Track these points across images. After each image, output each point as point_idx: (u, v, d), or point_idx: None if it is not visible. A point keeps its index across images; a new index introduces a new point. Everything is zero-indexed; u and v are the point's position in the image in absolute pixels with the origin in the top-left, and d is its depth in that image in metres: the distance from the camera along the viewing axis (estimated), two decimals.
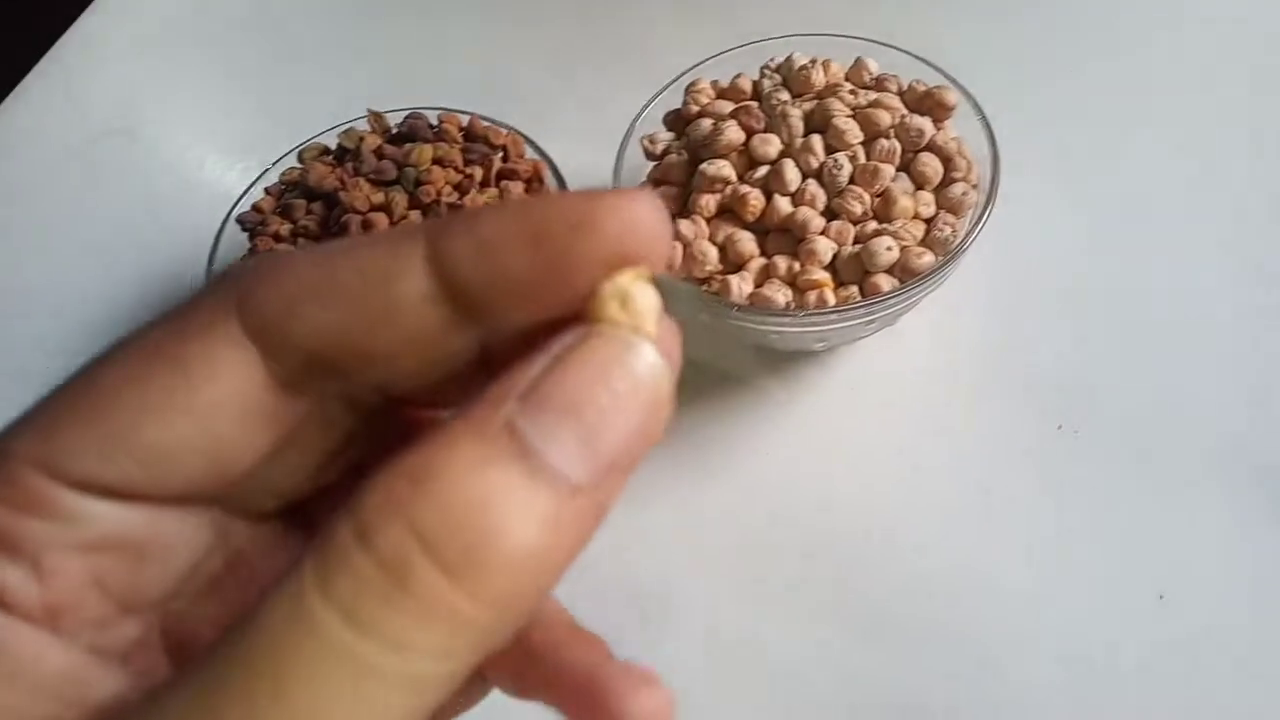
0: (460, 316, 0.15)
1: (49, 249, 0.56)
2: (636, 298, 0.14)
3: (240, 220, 0.44)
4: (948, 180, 0.40)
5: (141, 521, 0.15)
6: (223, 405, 0.15)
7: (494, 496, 0.12)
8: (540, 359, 0.14)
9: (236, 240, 0.44)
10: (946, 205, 0.40)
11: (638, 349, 0.14)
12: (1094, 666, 0.36)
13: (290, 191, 0.44)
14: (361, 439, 0.18)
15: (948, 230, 0.39)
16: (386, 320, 0.14)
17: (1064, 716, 0.35)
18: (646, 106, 0.44)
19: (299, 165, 0.45)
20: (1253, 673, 0.35)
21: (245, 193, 0.46)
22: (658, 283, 0.15)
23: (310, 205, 0.43)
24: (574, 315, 0.14)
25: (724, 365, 0.45)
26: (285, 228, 0.43)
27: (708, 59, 0.45)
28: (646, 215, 0.14)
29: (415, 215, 0.40)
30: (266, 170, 0.46)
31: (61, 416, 0.15)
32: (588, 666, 0.17)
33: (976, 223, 0.38)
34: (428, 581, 0.12)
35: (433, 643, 0.12)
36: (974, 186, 0.40)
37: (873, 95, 0.42)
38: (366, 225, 0.40)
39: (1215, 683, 0.35)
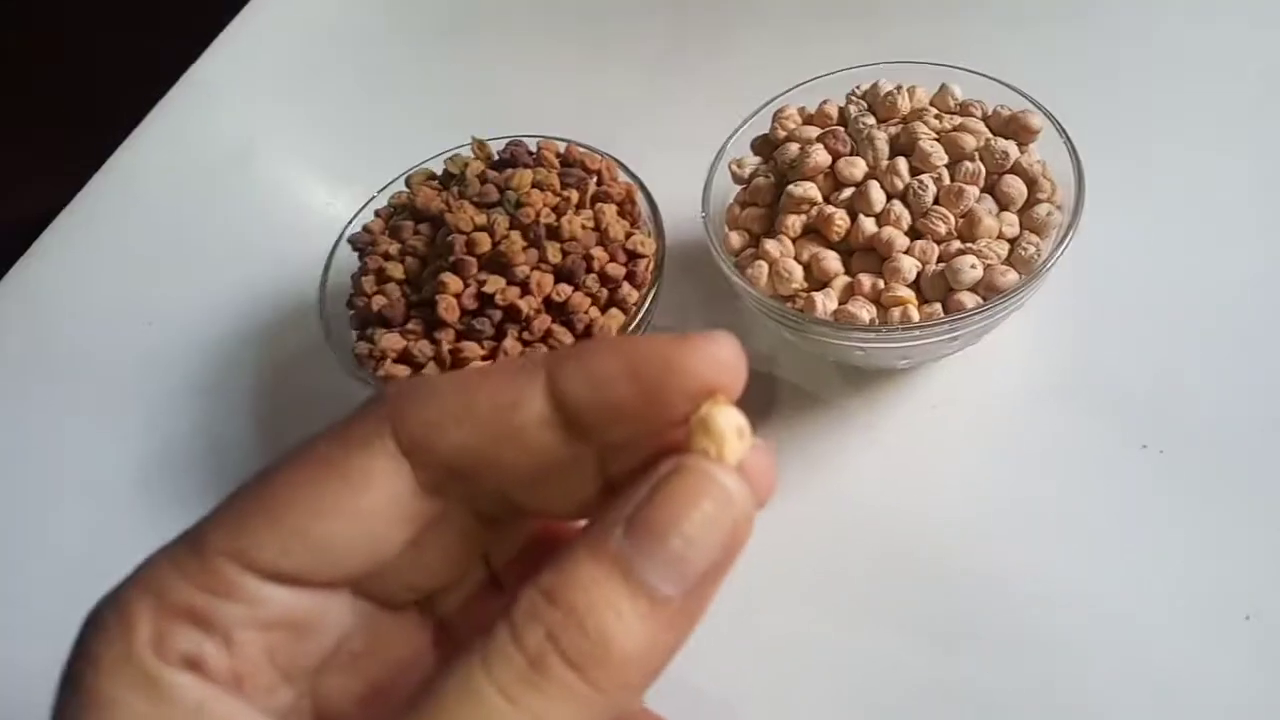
0: (572, 435, 0.18)
1: (171, 269, 0.60)
2: (719, 423, 0.18)
3: (352, 241, 0.47)
4: (1032, 201, 0.41)
5: (305, 603, 0.19)
6: (380, 509, 0.18)
7: (606, 610, 0.16)
8: (643, 487, 0.17)
9: (348, 260, 0.47)
10: (1030, 226, 0.41)
11: (718, 478, 0.17)
12: (1179, 688, 0.36)
13: (398, 214, 0.47)
14: (489, 544, 0.23)
15: (1031, 249, 0.39)
16: (512, 439, 0.18)
17: None
18: (735, 132, 0.46)
19: (406, 190, 0.48)
20: None
21: (356, 215, 0.49)
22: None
23: (418, 226, 0.45)
24: (673, 443, 0.18)
25: (807, 385, 0.46)
26: (394, 247, 0.45)
27: (795, 86, 0.47)
28: (725, 354, 0.18)
29: (516, 235, 0.42)
30: (375, 195, 0.49)
31: (248, 514, 0.18)
32: None
33: (1060, 242, 0.39)
34: (559, 674, 0.16)
35: (563, 717, 0.16)
36: (1058, 207, 0.41)
37: (957, 120, 0.43)
38: (470, 245, 0.43)
39: None
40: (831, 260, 0.41)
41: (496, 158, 0.48)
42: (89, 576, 0.19)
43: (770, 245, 0.42)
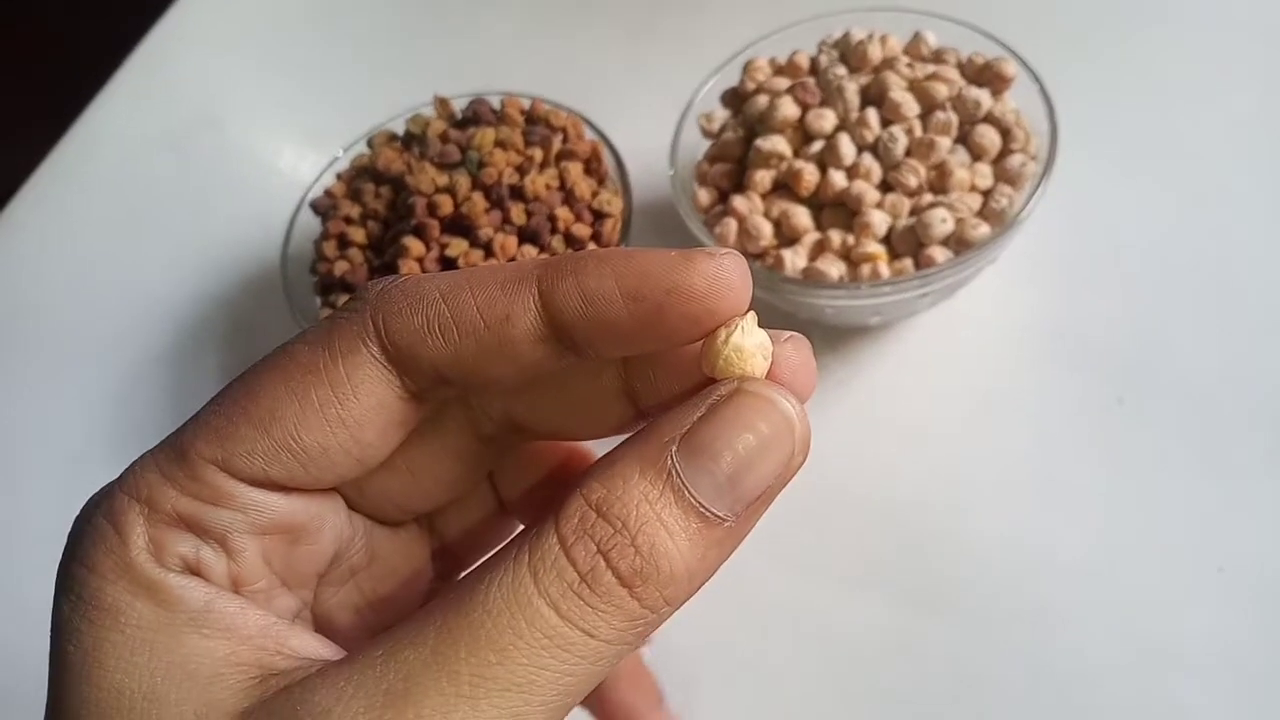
0: (565, 350, 0.18)
1: (137, 238, 0.59)
2: (747, 347, 0.17)
3: (313, 205, 0.46)
4: (1005, 152, 0.40)
5: (297, 508, 0.19)
6: (367, 418, 0.18)
7: (658, 528, 0.16)
8: (698, 407, 0.17)
9: (310, 224, 0.46)
10: (1004, 177, 0.40)
11: (778, 403, 0.17)
12: (1152, 637, 0.36)
13: (360, 177, 0.46)
14: (494, 467, 0.23)
15: (1004, 201, 0.39)
16: (501, 352, 0.17)
17: (1122, 686, 0.35)
18: (704, 85, 0.45)
19: (368, 151, 0.47)
20: None
21: (318, 179, 0.48)
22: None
23: (379, 189, 0.44)
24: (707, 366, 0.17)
25: None
26: (356, 211, 0.44)
27: (765, 37, 0.45)
28: (729, 276, 0.17)
29: (478, 197, 0.41)
30: (338, 157, 0.48)
31: (234, 422, 0.18)
32: (634, 711, 0.19)
33: (1033, 193, 0.38)
34: (610, 589, 0.16)
35: (611, 631, 0.16)
36: (1032, 158, 0.40)
37: (931, 68, 0.42)
38: (431, 207, 0.41)
39: (1274, 655, 0.34)
40: (801, 216, 0.40)
41: (460, 116, 0.47)
42: (59, 546, 0.19)
43: (739, 202, 0.41)
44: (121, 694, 0.16)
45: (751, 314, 0.17)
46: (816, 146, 0.40)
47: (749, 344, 0.17)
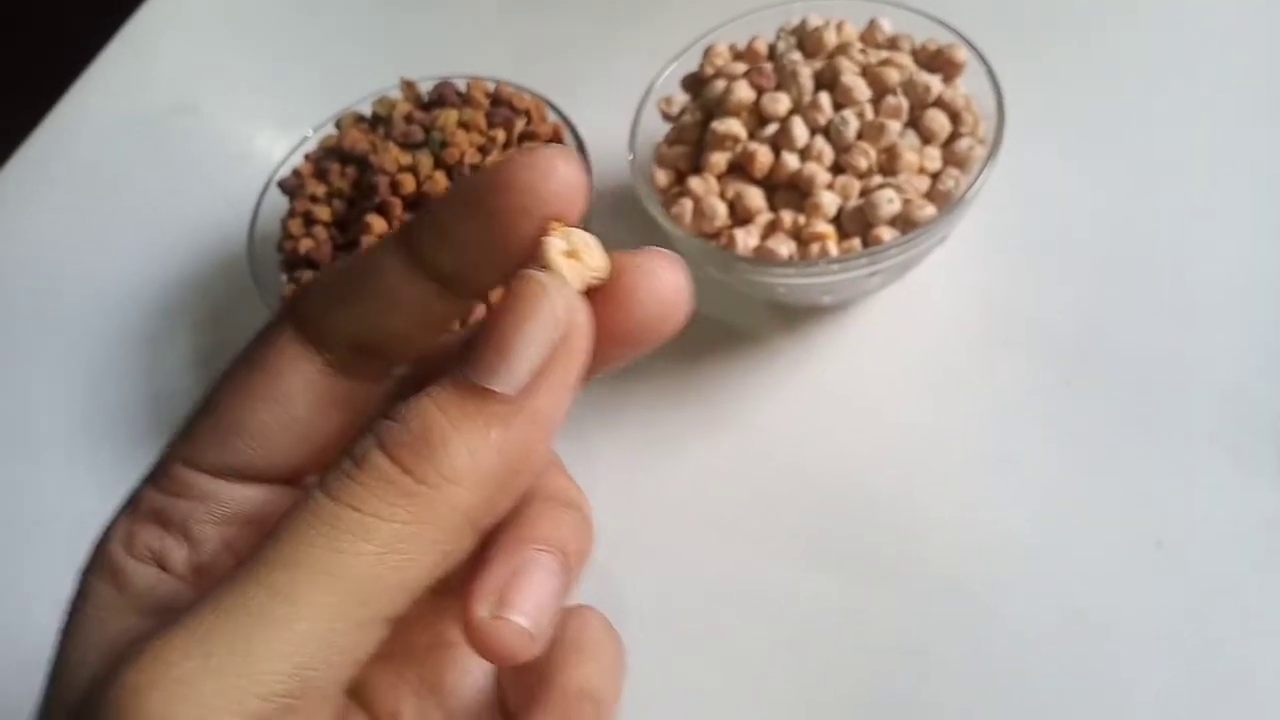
0: (447, 288, 0.19)
1: (111, 222, 0.60)
2: (545, 249, 0.17)
3: (281, 184, 0.47)
4: (955, 136, 0.41)
5: (258, 498, 0.20)
6: (297, 391, 0.19)
7: (429, 407, 0.17)
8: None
9: (278, 204, 0.47)
10: (953, 160, 0.41)
11: (546, 289, 0.17)
12: (1091, 610, 0.36)
13: (327, 157, 0.47)
14: (357, 396, 0.22)
15: (951, 184, 0.39)
16: (390, 304, 0.19)
17: (1060, 661, 0.36)
18: (664, 70, 0.46)
19: (337, 132, 0.48)
20: (1248, 621, 0.35)
21: (286, 159, 0.48)
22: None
23: (344, 168, 0.45)
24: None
25: (736, 322, 0.46)
26: (322, 190, 0.45)
27: (726, 23, 0.46)
28: (560, 168, 0.17)
29: (440, 176, 0.42)
30: (306, 138, 0.49)
31: (196, 423, 0.20)
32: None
33: (979, 176, 0.39)
34: (377, 465, 0.16)
35: (388, 508, 0.16)
36: (981, 142, 0.41)
37: (884, 54, 0.43)
38: (394, 186, 0.42)
39: (1210, 630, 0.35)
40: (754, 197, 0.41)
41: (426, 98, 0.47)
42: (28, 526, 0.20)
43: (695, 183, 0.41)
44: (68, 664, 0.18)
45: (581, 232, 0.18)
46: (771, 129, 0.41)
47: (556, 247, 0.17)
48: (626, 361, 0.19)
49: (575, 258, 0.17)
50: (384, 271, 0.19)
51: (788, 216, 0.40)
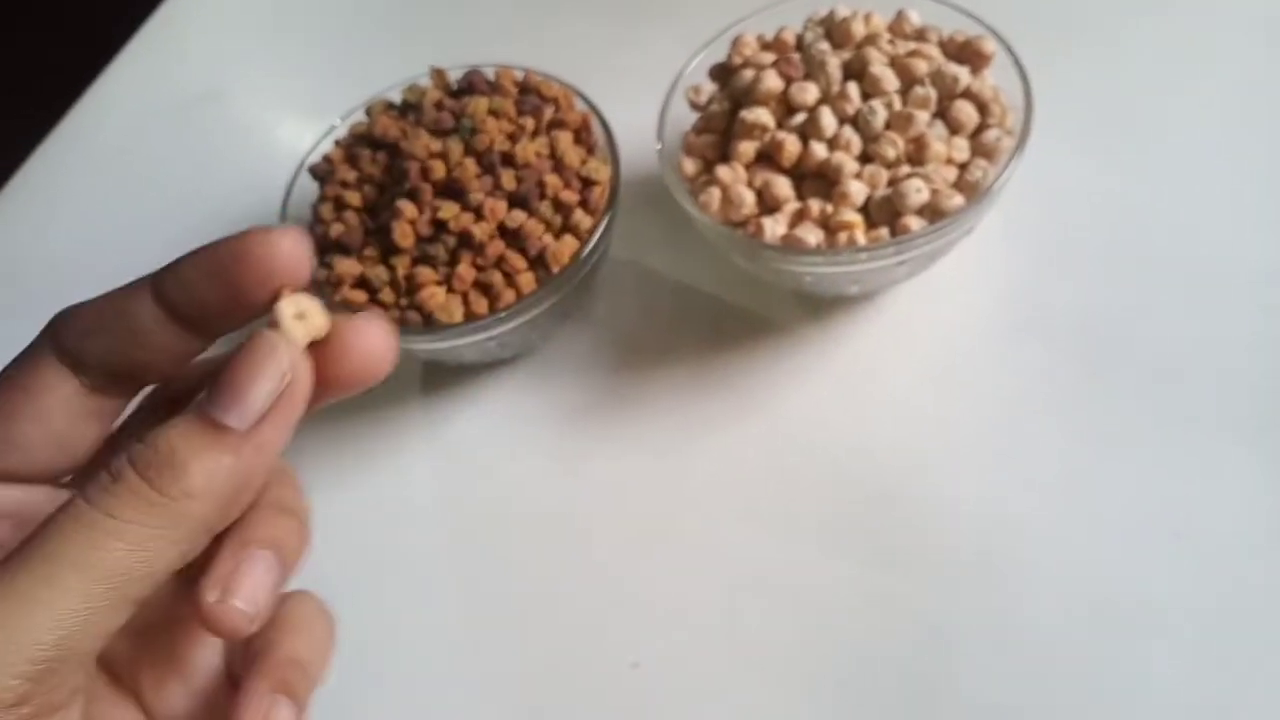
0: (190, 331, 0.22)
1: (140, 202, 0.60)
2: (278, 309, 0.21)
3: (312, 170, 0.47)
4: (982, 126, 0.41)
5: (22, 498, 0.23)
6: (55, 409, 0.23)
7: (174, 435, 0.20)
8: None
9: (308, 189, 0.48)
10: (981, 151, 0.41)
11: (267, 339, 0.21)
12: (1109, 599, 0.37)
13: (358, 143, 0.47)
14: (107, 412, 0.25)
15: (979, 174, 0.40)
16: (139, 341, 0.22)
17: (1079, 649, 0.36)
18: (692, 59, 0.46)
19: (366, 119, 0.48)
20: (1266, 613, 0.35)
21: (316, 145, 0.49)
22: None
23: (375, 155, 0.46)
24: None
25: (763, 311, 0.47)
26: (352, 175, 0.45)
27: (753, 14, 0.46)
28: (285, 243, 0.21)
29: (470, 162, 0.43)
30: (336, 125, 0.49)
31: None
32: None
33: (1007, 166, 0.39)
34: (127, 479, 0.20)
35: (134, 513, 0.19)
36: (1009, 133, 0.41)
37: (912, 45, 0.43)
38: (425, 172, 0.43)
39: (1228, 621, 0.36)
40: (782, 185, 0.41)
41: (455, 87, 0.48)
42: None
43: (723, 171, 0.42)
44: None
45: (308, 297, 0.22)
46: (799, 119, 0.42)
47: (287, 311, 0.21)
48: (343, 397, 0.23)
49: (302, 318, 0.21)
50: (135, 312, 0.22)
51: (815, 205, 0.40)
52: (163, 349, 0.22)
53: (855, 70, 0.42)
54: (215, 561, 0.22)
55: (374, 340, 0.22)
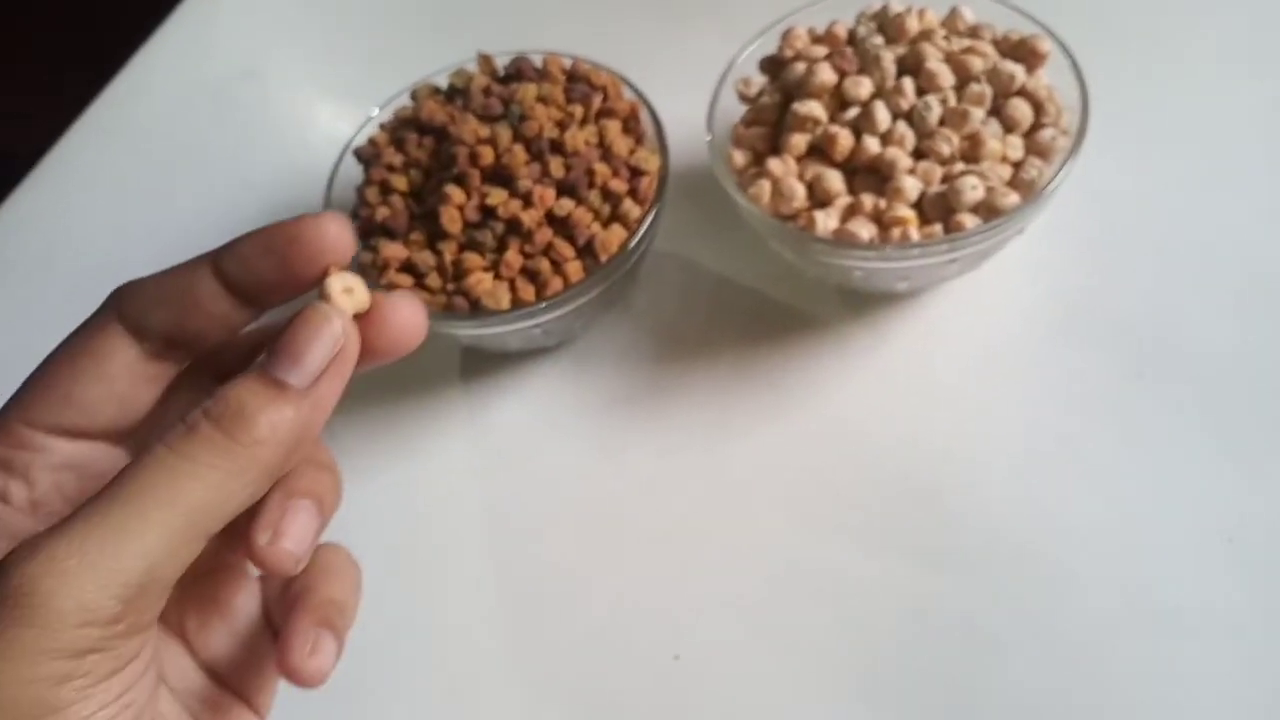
0: (243, 303, 0.25)
1: (178, 187, 0.60)
2: (327, 283, 0.24)
3: (357, 153, 0.47)
4: (1038, 125, 0.41)
5: (82, 450, 0.25)
6: (118, 373, 0.25)
7: (243, 390, 0.23)
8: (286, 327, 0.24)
9: (353, 173, 0.47)
10: (1035, 150, 0.41)
11: (319, 308, 0.23)
12: (1159, 604, 0.36)
13: (403, 127, 0.47)
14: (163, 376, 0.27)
15: (1034, 172, 0.39)
16: (198, 311, 0.25)
17: (1127, 653, 0.36)
18: (742, 51, 0.46)
19: (411, 103, 0.48)
20: None
21: (361, 129, 0.49)
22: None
23: (422, 139, 0.45)
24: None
25: (806, 307, 0.47)
26: (398, 159, 0.45)
27: (803, 7, 0.46)
28: (332, 228, 0.24)
29: (519, 149, 0.43)
30: (381, 108, 0.49)
31: (32, 390, 0.25)
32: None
33: (1062, 166, 0.39)
34: (205, 429, 0.22)
35: (208, 455, 0.22)
36: (1064, 133, 0.41)
37: (966, 42, 0.43)
38: (474, 157, 0.43)
39: (1278, 625, 0.35)
40: (834, 179, 0.41)
41: (502, 73, 0.48)
42: None
43: (774, 164, 0.42)
44: None
45: (352, 274, 0.24)
46: (852, 113, 0.41)
47: (335, 286, 0.24)
48: (381, 364, 0.25)
49: (348, 293, 0.24)
50: (196, 286, 0.24)
51: (868, 200, 0.40)
52: (218, 319, 0.25)
53: (909, 65, 0.42)
54: (264, 509, 0.24)
55: (409, 315, 0.25)
